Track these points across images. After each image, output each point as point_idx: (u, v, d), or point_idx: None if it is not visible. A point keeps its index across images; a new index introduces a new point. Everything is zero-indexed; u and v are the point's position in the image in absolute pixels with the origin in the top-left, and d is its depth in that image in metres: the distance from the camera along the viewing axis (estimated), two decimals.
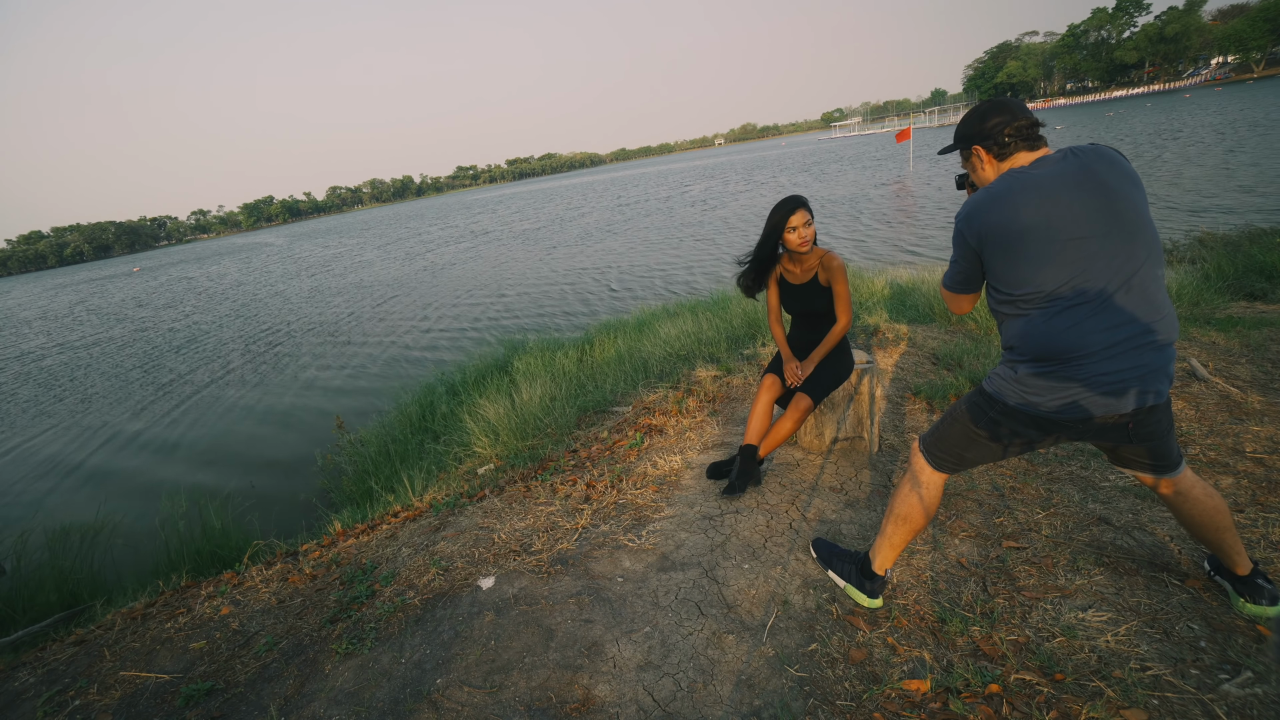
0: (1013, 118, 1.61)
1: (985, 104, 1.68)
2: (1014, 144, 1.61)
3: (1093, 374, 1.49)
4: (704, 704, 1.71)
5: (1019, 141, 1.61)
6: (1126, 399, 1.49)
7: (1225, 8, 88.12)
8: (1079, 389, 1.50)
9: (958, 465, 1.80)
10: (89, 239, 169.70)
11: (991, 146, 1.65)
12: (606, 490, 2.99)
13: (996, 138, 1.63)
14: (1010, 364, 1.64)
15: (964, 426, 1.74)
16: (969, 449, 1.75)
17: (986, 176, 1.69)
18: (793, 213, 2.57)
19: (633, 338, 6.65)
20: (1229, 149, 18.00)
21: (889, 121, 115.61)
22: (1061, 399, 1.53)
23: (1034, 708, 1.55)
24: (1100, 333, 1.47)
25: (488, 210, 55.61)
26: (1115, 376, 1.48)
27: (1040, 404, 1.56)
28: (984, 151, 1.67)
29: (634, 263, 15.82)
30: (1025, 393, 1.58)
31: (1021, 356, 1.59)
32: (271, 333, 14.45)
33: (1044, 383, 1.55)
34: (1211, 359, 3.54)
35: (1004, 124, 1.61)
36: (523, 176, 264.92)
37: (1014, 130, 1.60)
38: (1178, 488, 1.69)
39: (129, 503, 6.14)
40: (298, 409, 8.60)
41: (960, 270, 1.70)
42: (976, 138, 1.67)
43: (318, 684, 1.99)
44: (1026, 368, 1.58)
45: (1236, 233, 7.89)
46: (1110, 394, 1.49)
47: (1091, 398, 1.50)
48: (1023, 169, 1.57)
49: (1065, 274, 1.49)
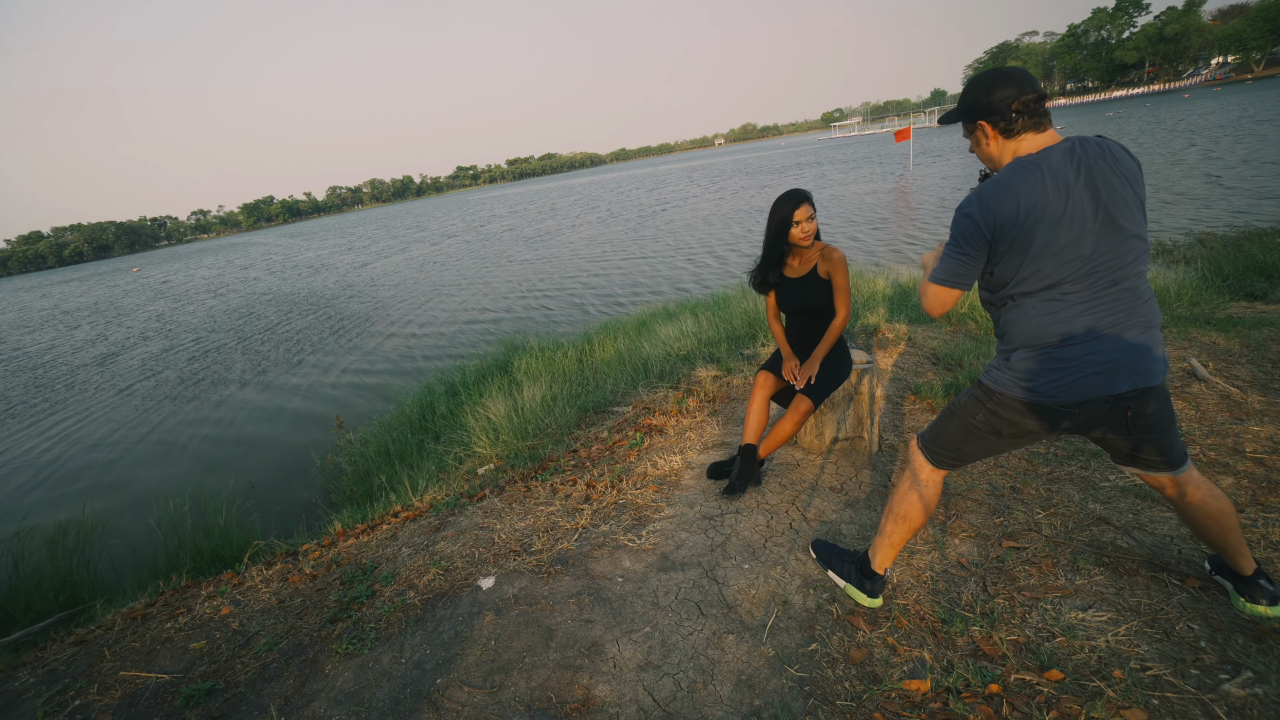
0: (1020, 91, 1.55)
1: (990, 74, 1.61)
2: (1020, 121, 1.56)
3: (1082, 355, 1.53)
4: (704, 704, 1.71)
5: (1026, 119, 1.55)
6: (1119, 379, 1.53)
7: (1225, 8, 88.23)
8: (1071, 371, 1.54)
9: (957, 461, 1.81)
10: (89, 239, 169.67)
11: (998, 122, 1.58)
12: (606, 490, 2.99)
13: (1003, 112, 1.56)
14: (1004, 354, 1.67)
15: (962, 421, 1.75)
16: (967, 443, 1.76)
17: (990, 153, 1.65)
18: (798, 206, 2.58)
19: (633, 338, 6.66)
20: (1219, 150, 18.01)
21: (889, 121, 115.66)
22: (1055, 382, 1.56)
23: (1034, 708, 1.55)
24: (1088, 318, 1.53)
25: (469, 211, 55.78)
26: (1104, 357, 1.52)
27: (1035, 389, 1.58)
28: (989, 127, 1.61)
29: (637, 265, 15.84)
30: (1019, 380, 1.61)
31: (1013, 344, 1.63)
32: (270, 332, 14.47)
33: (1036, 367, 1.58)
34: (1211, 359, 3.54)
35: (1011, 98, 1.55)
36: (523, 176, 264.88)
37: (1022, 105, 1.54)
38: (1183, 487, 1.68)
39: (129, 503, 6.14)
40: (297, 409, 8.60)
41: (959, 264, 1.64)
42: (982, 111, 1.60)
43: (318, 684, 1.99)
44: (1020, 355, 1.61)
45: (1236, 233, 7.90)
46: (1101, 373, 1.53)
47: (1083, 379, 1.54)
48: (1031, 158, 1.54)
49: (1062, 266, 1.52)
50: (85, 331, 19.96)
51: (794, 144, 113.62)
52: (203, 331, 16.11)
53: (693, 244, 17.19)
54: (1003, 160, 1.63)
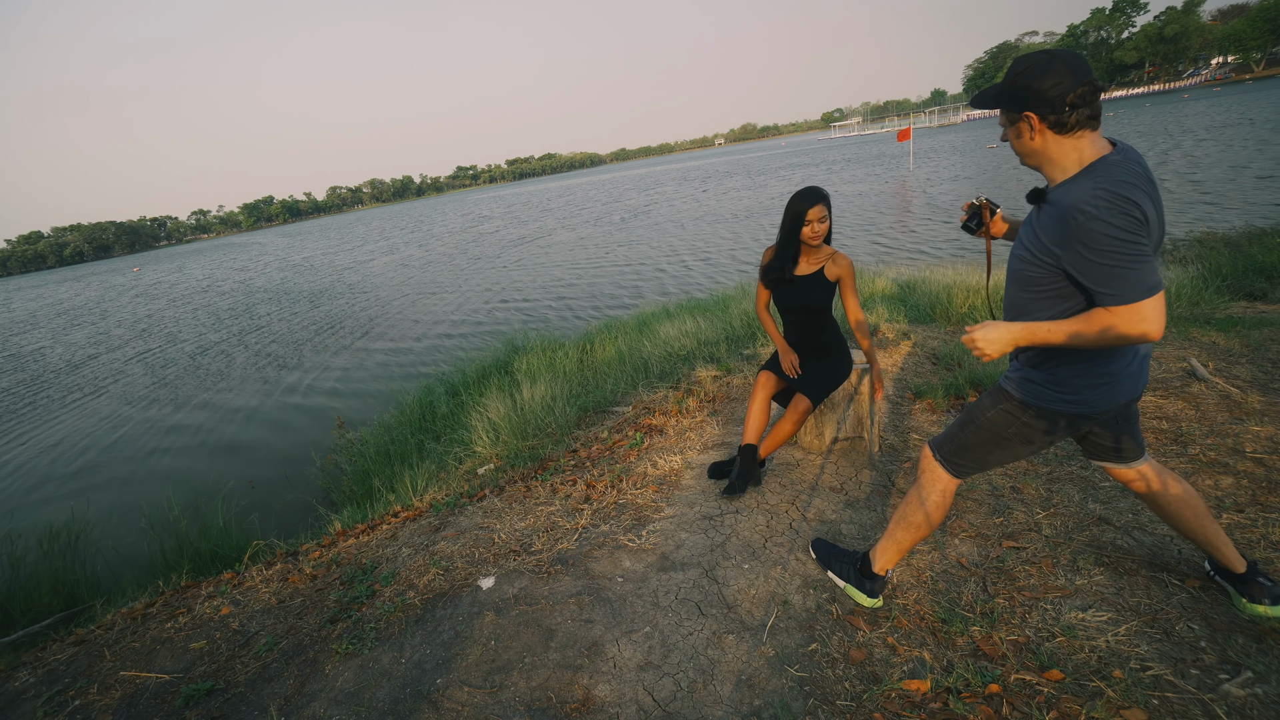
0: (1076, 81, 1.31)
1: (1042, 56, 1.36)
2: (1075, 115, 1.33)
3: (1124, 367, 1.54)
4: (704, 704, 1.71)
5: (1080, 112, 1.33)
6: (1139, 383, 1.57)
7: (1225, 8, 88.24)
8: (1115, 383, 1.55)
9: (980, 468, 1.79)
10: (89, 239, 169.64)
11: (1048, 114, 1.35)
12: (606, 490, 2.99)
13: (1056, 105, 1.33)
14: (1043, 367, 1.59)
15: (991, 433, 1.71)
16: (994, 453, 1.73)
17: (1034, 148, 1.42)
18: (813, 205, 2.58)
19: (633, 338, 6.66)
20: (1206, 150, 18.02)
21: (889, 121, 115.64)
22: (1100, 395, 1.56)
23: (1034, 708, 1.55)
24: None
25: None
26: (1136, 365, 1.55)
27: (1080, 401, 1.57)
28: (1038, 120, 1.37)
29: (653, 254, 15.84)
30: (1064, 394, 1.58)
31: (1060, 359, 1.56)
32: (270, 332, 14.47)
33: (1085, 382, 1.56)
34: (1211, 359, 3.54)
35: (1067, 88, 1.32)
36: (523, 176, 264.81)
37: (1078, 97, 1.32)
38: (1148, 476, 1.73)
39: (128, 503, 6.13)
40: (297, 409, 8.59)
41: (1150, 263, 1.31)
42: (1032, 100, 1.36)
43: (318, 684, 1.99)
44: (1067, 370, 1.56)
45: (1236, 233, 7.90)
46: (1134, 381, 1.56)
47: (1123, 387, 1.55)
48: (1125, 157, 1.34)
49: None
50: (85, 331, 19.96)
51: (794, 144, 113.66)
52: (203, 331, 16.11)
53: (679, 247, 17.20)
54: (1047, 156, 1.42)
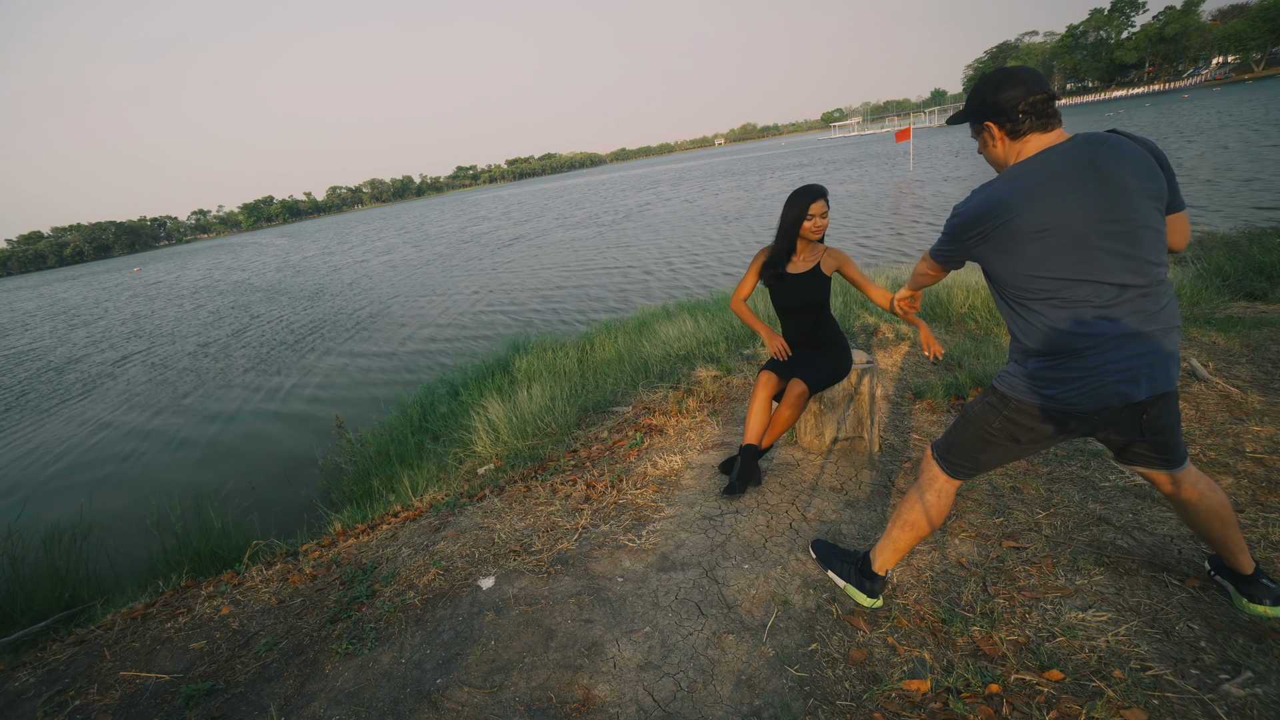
0: (1028, 91, 1.51)
1: (998, 73, 1.58)
2: (1028, 122, 1.52)
3: (1103, 362, 1.47)
4: (704, 704, 1.71)
5: (1033, 119, 1.52)
6: (1139, 386, 1.48)
7: (1225, 8, 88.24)
8: (1091, 379, 1.49)
9: (974, 469, 1.77)
10: (89, 239, 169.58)
11: (1004, 123, 1.56)
12: (606, 490, 2.99)
13: (1010, 114, 1.53)
14: (1019, 360, 1.61)
15: (978, 429, 1.70)
16: (984, 451, 1.72)
17: (997, 154, 1.62)
18: (814, 200, 2.58)
19: (633, 338, 6.66)
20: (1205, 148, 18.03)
21: (889, 121, 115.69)
22: (1075, 391, 1.51)
23: (1034, 708, 1.55)
24: (1106, 323, 1.46)
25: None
26: (1126, 363, 1.47)
27: (1055, 396, 1.54)
28: (996, 128, 1.58)
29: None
30: (1038, 387, 1.56)
31: (1030, 351, 1.57)
32: (270, 331, 14.47)
33: (1056, 375, 1.52)
34: (1211, 359, 3.54)
35: (1018, 98, 1.51)
36: (523, 176, 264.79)
37: (1029, 105, 1.51)
38: (1183, 484, 1.67)
39: (128, 502, 6.13)
40: (297, 409, 8.59)
41: (948, 254, 1.72)
42: (989, 112, 1.57)
43: (318, 684, 1.99)
44: (1036, 361, 1.56)
45: (1236, 233, 7.89)
46: (1124, 381, 1.48)
47: (1106, 386, 1.48)
48: (1027, 163, 1.51)
49: (1069, 271, 1.46)
50: (85, 331, 19.96)
51: (793, 144, 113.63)
52: (203, 330, 16.11)
53: (669, 248, 17.19)
54: (1008, 162, 1.59)
